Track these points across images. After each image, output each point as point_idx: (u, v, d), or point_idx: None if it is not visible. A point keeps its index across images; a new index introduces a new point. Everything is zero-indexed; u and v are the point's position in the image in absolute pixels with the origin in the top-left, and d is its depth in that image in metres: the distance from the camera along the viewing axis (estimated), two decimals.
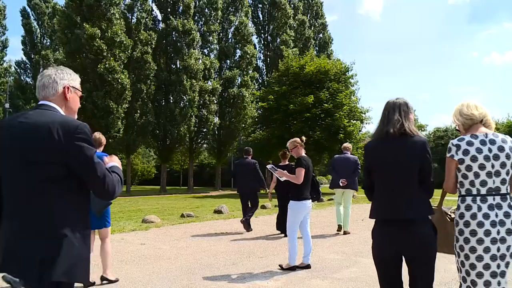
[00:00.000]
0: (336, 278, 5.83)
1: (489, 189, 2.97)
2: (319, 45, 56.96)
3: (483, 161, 2.96)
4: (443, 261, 6.66)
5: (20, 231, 2.16)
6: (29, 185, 2.15)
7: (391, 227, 3.02)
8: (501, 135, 3.07)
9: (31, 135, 2.16)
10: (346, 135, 31.73)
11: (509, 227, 2.89)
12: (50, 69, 2.43)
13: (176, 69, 39.46)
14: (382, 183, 3.13)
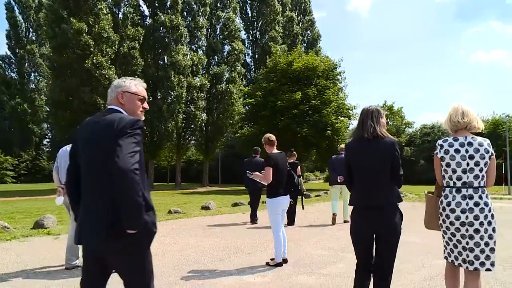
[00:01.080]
0: (323, 274, 5.88)
1: (463, 183, 3.67)
2: (307, 42, 57.13)
3: (459, 160, 3.68)
4: (429, 257, 6.78)
5: (87, 212, 2.75)
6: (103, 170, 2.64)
7: (366, 211, 3.71)
8: (479, 139, 3.71)
9: (102, 127, 2.75)
10: (334, 132, 31.90)
11: (477, 214, 3.60)
12: (118, 80, 3.05)
13: (164, 65, 39.30)
14: (359, 177, 3.78)
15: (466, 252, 3.65)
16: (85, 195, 2.80)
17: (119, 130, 2.66)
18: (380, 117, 3.78)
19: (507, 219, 11.90)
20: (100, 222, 2.65)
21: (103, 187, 2.67)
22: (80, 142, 2.86)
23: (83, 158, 2.82)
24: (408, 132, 55.47)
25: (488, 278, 5.48)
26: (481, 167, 3.64)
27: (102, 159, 2.66)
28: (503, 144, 32.72)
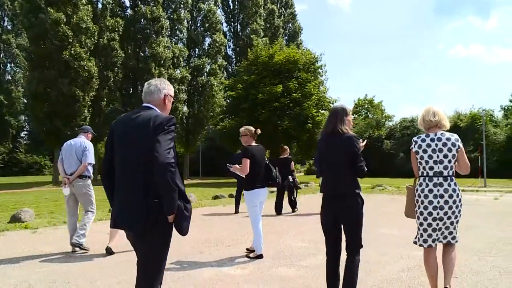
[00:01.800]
0: (303, 266, 5.93)
1: (435, 172, 4.27)
2: (288, 35, 57.16)
3: (431, 153, 4.30)
4: (407, 248, 6.87)
5: (124, 198, 3.09)
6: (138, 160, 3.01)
7: (332, 199, 4.17)
8: (448, 134, 4.35)
9: (140, 124, 3.06)
10: (315, 125, 32.02)
11: (446, 199, 4.19)
12: (153, 81, 3.36)
13: (145, 57, 38.88)
14: (326, 168, 4.25)
15: (435, 232, 4.27)
16: (122, 185, 3.13)
17: (156, 127, 2.99)
18: (345, 116, 4.22)
19: (483, 211, 12.11)
20: (138, 211, 2.99)
21: (139, 178, 3.00)
22: (116, 137, 3.18)
23: (120, 152, 3.14)
24: (388, 126, 55.96)
25: (463, 268, 5.59)
26: (449, 159, 4.25)
27: (140, 153, 3.00)
28: (480, 138, 33.23)
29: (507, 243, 7.34)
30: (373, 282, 5.06)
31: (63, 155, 7.17)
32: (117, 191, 3.16)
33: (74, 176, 7.04)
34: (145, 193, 2.98)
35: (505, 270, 5.61)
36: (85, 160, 7.07)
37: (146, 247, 3.14)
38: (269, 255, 6.56)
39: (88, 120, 32.51)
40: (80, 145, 7.14)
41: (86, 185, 7.19)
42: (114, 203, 3.20)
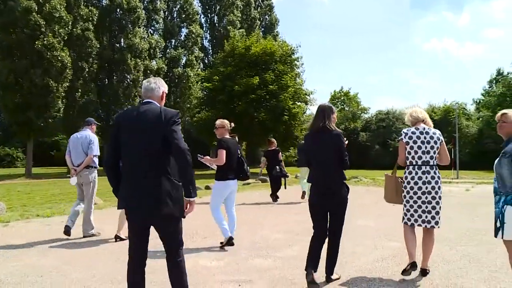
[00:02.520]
0: (278, 257, 5.97)
1: (423, 162, 4.85)
2: (265, 26, 56.99)
3: (420, 144, 4.85)
4: (382, 239, 6.99)
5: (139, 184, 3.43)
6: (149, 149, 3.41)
7: (322, 195, 4.65)
8: (433, 129, 4.92)
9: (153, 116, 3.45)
10: (291, 117, 32.12)
11: (433, 185, 4.81)
12: (152, 79, 3.79)
13: (120, 47, 38.40)
14: (314, 161, 4.78)
15: (425, 214, 4.83)
16: (134, 172, 3.46)
17: (169, 120, 3.42)
18: (331, 113, 4.72)
19: (455, 202, 12.36)
20: (154, 194, 3.39)
21: (153, 165, 3.41)
22: (125, 129, 3.52)
23: (131, 142, 3.47)
24: (363, 118, 56.49)
25: (435, 258, 5.71)
26: (434, 150, 4.85)
27: (154, 142, 3.39)
28: (453, 130, 33.84)
29: (477, 233, 7.53)
30: (348, 273, 5.13)
31: (70, 148, 7.61)
32: (129, 177, 3.51)
33: (81, 167, 7.47)
34: (158, 178, 3.40)
35: (474, 258, 5.77)
36: (91, 153, 7.51)
37: (164, 226, 3.66)
38: (246, 247, 6.59)
39: (62, 112, 31.99)
40: (86, 138, 7.53)
41: (92, 176, 7.66)
42: (125, 189, 3.54)
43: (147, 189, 3.40)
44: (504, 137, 4.22)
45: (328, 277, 4.77)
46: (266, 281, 4.87)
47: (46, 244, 6.96)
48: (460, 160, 28.93)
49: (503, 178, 4.00)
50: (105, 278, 5.03)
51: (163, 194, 3.39)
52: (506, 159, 3.97)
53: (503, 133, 4.22)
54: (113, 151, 3.61)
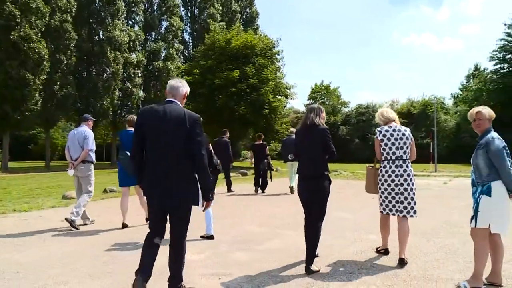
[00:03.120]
0: (259, 250, 5.99)
1: (396, 157, 5.32)
2: (245, 20, 56.77)
3: (393, 141, 5.32)
4: (361, 232, 7.05)
5: (167, 178, 3.90)
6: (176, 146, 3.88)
7: (308, 180, 5.14)
8: (404, 127, 5.42)
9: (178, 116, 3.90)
10: (271, 111, 32.15)
11: (405, 177, 5.26)
12: (178, 79, 4.27)
13: (99, 40, 37.89)
14: (303, 153, 5.24)
15: (398, 204, 5.29)
16: (155, 169, 3.93)
17: (192, 124, 3.90)
18: (320, 112, 5.25)
19: (432, 195, 12.55)
20: (175, 187, 3.91)
21: (173, 164, 3.88)
22: (151, 125, 3.93)
23: (155, 140, 3.91)
24: (344, 112, 56.81)
25: (413, 250, 5.80)
26: (406, 146, 5.32)
27: (176, 143, 3.87)
28: (431, 124, 34.27)
29: (453, 225, 7.68)
30: (328, 265, 5.18)
31: (69, 143, 8.07)
32: (151, 173, 3.97)
33: (78, 161, 7.87)
34: (176, 177, 3.90)
35: (451, 250, 5.90)
36: (86, 147, 7.89)
37: (179, 215, 4.07)
38: (226, 240, 6.60)
39: (40, 105, 31.44)
40: (82, 133, 7.95)
41: (88, 169, 8.03)
42: (148, 182, 4.00)
43: (166, 186, 3.90)
44: (479, 133, 4.45)
45: (307, 267, 4.92)
46: (246, 274, 4.89)
47: (23, 239, 6.86)
48: (438, 154, 29.28)
49: (479, 168, 4.30)
50: (84, 273, 4.99)
51: (179, 190, 3.92)
52: (481, 150, 4.29)
53: (480, 131, 4.43)
54: (137, 144, 4.03)
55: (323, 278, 4.69)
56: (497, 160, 4.19)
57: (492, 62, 44.05)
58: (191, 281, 4.63)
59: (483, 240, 4.26)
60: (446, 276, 4.68)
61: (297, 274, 4.82)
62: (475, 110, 4.45)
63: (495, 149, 4.20)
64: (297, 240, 6.51)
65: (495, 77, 43.67)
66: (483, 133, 4.39)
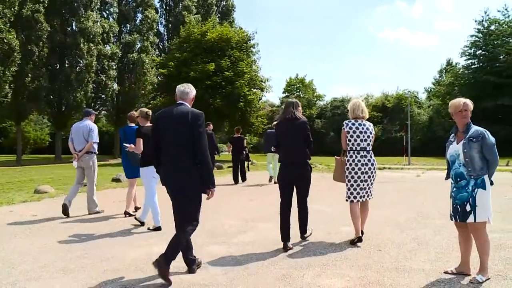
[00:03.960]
0: (233, 243, 6.00)
1: (361, 148, 5.89)
2: (221, 13, 56.42)
3: (358, 134, 5.88)
4: (336, 224, 7.11)
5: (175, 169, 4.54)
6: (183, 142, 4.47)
7: (288, 165, 5.85)
8: (368, 122, 6.02)
9: (183, 115, 4.49)
10: (247, 104, 32.12)
11: (370, 166, 5.91)
12: (186, 85, 4.85)
13: (72, 31, 37.16)
14: (285, 143, 5.89)
15: (363, 191, 5.91)
16: (168, 162, 4.59)
17: (194, 121, 4.47)
18: (298, 106, 5.97)
19: (406, 187, 12.75)
20: (182, 178, 4.51)
21: (182, 157, 4.48)
22: (163, 126, 4.57)
23: (167, 138, 4.53)
24: (319, 105, 57.16)
25: (386, 241, 5.90)
26: (370, 139, 5.96)
27: (182, 139, 4.47)
28: (405, 118, 34.75)
29: (426, 217, 7.82)
30: (302, 258, 5.22)
31: (72, 135, 8.53)
32: (165, 165, 4.64)
33: (82, 152, 8.38)
34: (185, 169, 4.48)
35: (423, 241, 6.01)
36: (91, 140, 8.41)
37: (184, 203, 4.58)
38: (201, 233, 6.56)
39: (10, 97, 30.76)
40: (86, 126, 8.45)
41: (92, 160, 8.53)
42: (163, 173, 4.69)
43: (178, 177, 4.52)
44: (463, 125, 4.40)
45: (302, 236, 6.09)
46: (221, 267, 4.89)
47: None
48: (412, 147, 29.74)
49: (474, 162, 4.26)
50: (56, 268, 4.92)
51: (188, 180, 4.49)
52: (475, 143, 4.26)
53: (466, 122, 4.40)
54: (155, 143, 4.69)
55: (297, 269, 4.72)
56: (491, 153, 4.27)
57: (463, 57, 45.01)
58: None
59: (484, 233, 4.31)
60: (418, 267, 4.76)
61: (272, 267, 4.85)
62: (462, 100, 4.42)
63: (490, 143, 4.26)
64: (271, 233, 6.55)
65: (466, 72, 44.65)
66: (467, 125, 4.38)
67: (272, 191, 12.03)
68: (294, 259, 5.12)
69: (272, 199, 10.31)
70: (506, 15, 43.44)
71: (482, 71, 41.62)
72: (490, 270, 4.43)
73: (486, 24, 43.73)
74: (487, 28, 43.51)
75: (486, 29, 43.54)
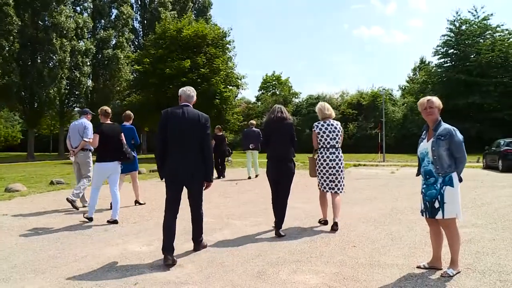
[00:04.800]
0: (209, 240, 5.97)
1: (330, 145, 6.70)
2: (197, 10, 56.19)
3: (328, 133, 6.71)
4: (311, 221, 7.14)
5: (185, 163, 5.11)
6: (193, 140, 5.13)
7: (275, 161, 6.37)
8: (336, 122, 6.83)
9: (194, 117, 5.16)
10: (222, 101, 32.05)
11: (337, 162, 6.67)
12: (188, 88, 5.46)
13: (44, 26, 36.47)
14: (273, 141, 6.38)
15: (331, 183, 6.70)
16: (176, 153, 5.12)
17: (204, 122, 5.21)
18: (284, 108, 6.61)
19: (380, 184, 12.90)
20: (192, 167, 5.15)
21: (190, 150, 5.13)
22: (174, 123, 5.11)
23: (177, 134, 5.11)
24: (295, 102, 57.37)
25: (361, 237, 5.96)
26: (338, 137, 6.76)
27: (194, 135, 5.13)
28: (380, 115, 35.13)
29: (399, 212, 7.94)
30: (278, 254, 5.23)
31: (70, 133, 8.92)
32: (174, 157, 5.13)
33: (77, 149, 8.71)
34: (196, 159, 5.15)
35: (397, 236, 6.10)
36: (85, 137, 8.68)
37: (195, 189, 5.31)
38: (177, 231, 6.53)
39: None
40: (81, 124, 8.76)
41: (87, 156, 8.90)
42: (170, 164, 5.13)
43: (187, 165, 5.12)
44: (432, 123, 4.49)
45: (277, 231, 6.27)
46: (196, 264, 4.87)
47: None
48: (386, 144, 30.09)
49: (442, 159, 4.34)
50: (27, 268, 4.82)
51: (195, 169, 5.17)
52: (443, 141, 4.33)
53: (431, 120, 4.48)
54: (162, 140, 5.15)
55: (273, 266, 4.73)
56: (458, 151, 4.34)
57: (436, 56, 45.83)
58: (140, 273, 4.56)
59: (454, 229, 4.39)
60: (392, 262, 4.82)
61: (248, 264, 4.85)
62: (426, 98, 4.52)
63: (458, 141, 4.34)
64: (246, 230, 6.58)
65: (439, 70, 45.48)
66: (436, 123, 4.46)
67: (248, 188, 12.05)
68: (269, 256, 5.13)
69: (249, 197, 10.34)
70: (475, 16, 44.51)
71: (454, 70, 42.50)
72: (460, 263, 4.53)
73: (457, 24, 44.67)
74: (459, 28, 44.45)
75: (457, 29, 44.48)
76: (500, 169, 18.00)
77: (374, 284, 4.13)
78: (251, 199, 9.93)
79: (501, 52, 40.93)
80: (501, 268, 4.55)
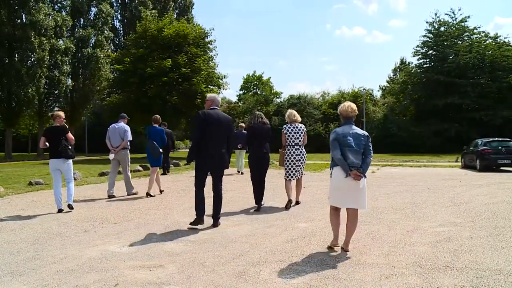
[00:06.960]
0: (190, 241, 5.94)
1: (295, 143, 8.57)
2: (179, 9, 55.95)
3: (294, 134, 8.55)
4: (292, 220, 7.17)
5: (217, 153, 6.79)
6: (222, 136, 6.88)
7: (256, 157, 8.60)
8: (300, 125, 8.67)
9: (224, 119, 6.94)
10: (203, 101, 31.91)
11: (302, 156, 8.64)
12: (216, 95, 7.30)
13: (22, 23, 35.89)
14: (255, 141, 8.55)
15: (295, 172, 8.66)
16: (211, 147, 6.68)
17: (231, 122, 6.99)
18: (263, 115, 8.83)
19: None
20: (219, 158, 6.77)
21: (221, 144, 6.78)
22: (211, 123, 6.63)
23: (214, 131, 6.65)
24: (276, 102, 57.47)
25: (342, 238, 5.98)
26: (301, 136, 8.59)
27: (224, 132, 6.79)
28: (361, 115, 35.43)
29: (380, 211, 8.03)
30: (259, 254, 5.23)
31: (110, 134, 10.62)
32: (208, 150, 6.67)
33: (119, 148, 10.55)
34: (222, 152, 6.80)
35: (376, 235, 6.17)
36: (126, 139, 10.63)
37: (220, 174, 6.92)
38: (157, 231, 6.53)
39: None
40: (122, 128, 10.65)
41: (127, 154, 10.83)
42: (204, 156, 6.70)
43: (215, 157, 6.72)
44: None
45: (259, 207, 8.47)
46: (177, 265, 4.84)
47: None
48: None
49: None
50: (4, 270, 4.73)
51: (224, 159, 6.85)
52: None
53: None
54: (200, 136, 6.61)
55: (254, 266, 4.73)
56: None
57: (416, 57, 46.38)
58: (120, 273, 4.51)
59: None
60: (372, 261, 4.86)
61: (229, 264, 4.84)
62: (351, 104, 6.13)
63: (330, 141, 5.73)
64: (227, 230, 6.57)
65: (419, 71, 46.02)
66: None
67: (229, 188, 12.03)
68: (250, 256, 5.13)
69: (229, 196, 10.32)
70: (453, 18, 45.21)
71: (433, 71, 43.07)
72: (439, 261, 4.60)
73: (436, 26, 45.32)
74: (437, 30, 45.11)
75: (436, 30, 45.12)
76: (477, 168, 18.36)
77: (354, 283, 4.16)
78: (233, 199, 9.92)
79: (478, 54, 41.72)
80: (478, 266, 4.63)
